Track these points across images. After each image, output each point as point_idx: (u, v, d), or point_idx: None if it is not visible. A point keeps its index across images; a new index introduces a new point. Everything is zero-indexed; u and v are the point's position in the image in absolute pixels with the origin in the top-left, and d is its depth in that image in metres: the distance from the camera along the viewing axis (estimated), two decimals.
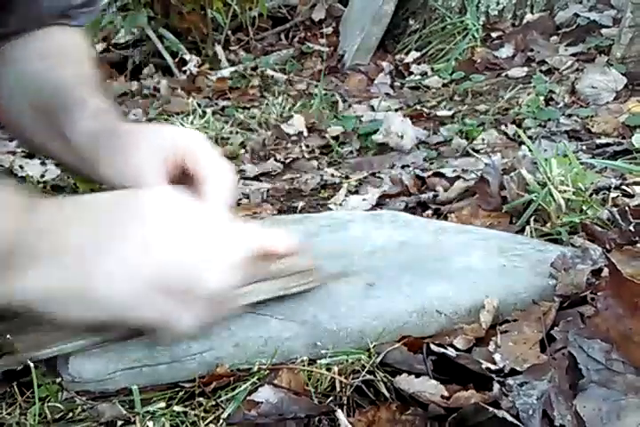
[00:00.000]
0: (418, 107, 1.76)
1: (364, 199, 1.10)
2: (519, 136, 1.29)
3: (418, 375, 0.55)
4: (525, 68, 1.91)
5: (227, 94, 2.12)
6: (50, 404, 0.57)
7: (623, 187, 0.94)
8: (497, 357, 0.57)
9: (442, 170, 1.16)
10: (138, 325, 0.56)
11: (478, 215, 0.93)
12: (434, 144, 1.44)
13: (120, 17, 2.36)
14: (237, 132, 1.68)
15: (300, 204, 1.11)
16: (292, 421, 0.53)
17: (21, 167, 1.38)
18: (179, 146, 0.69)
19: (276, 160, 1.45)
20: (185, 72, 2.34)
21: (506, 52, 2.07)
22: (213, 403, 0.56)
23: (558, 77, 1.75)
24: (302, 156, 1.47)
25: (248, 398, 0.55)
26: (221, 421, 0.54)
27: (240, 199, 1.17)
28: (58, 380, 0.60)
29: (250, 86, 2.15)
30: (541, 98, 1.57)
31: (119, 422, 0.55)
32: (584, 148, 1.25)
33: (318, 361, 0.59)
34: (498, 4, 2.28)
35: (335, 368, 0.58)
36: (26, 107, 0.86)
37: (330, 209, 1.08)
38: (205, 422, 0.54)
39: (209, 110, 1.84)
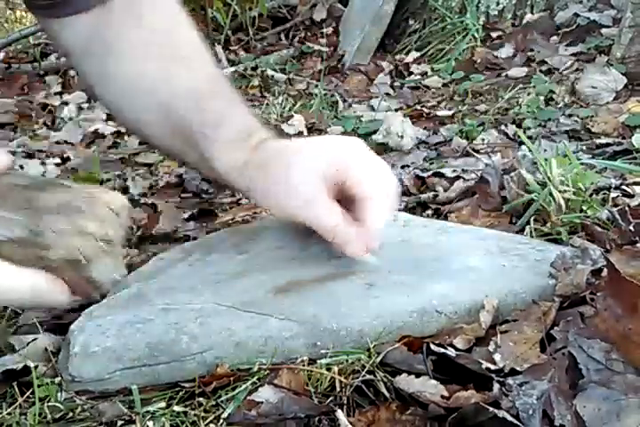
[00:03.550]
0: (418, 107, 1.75)
1: None
2: (519, 136, 1.29)
3: (418, 375, 0.55)
4: (525, 68, 1.91)
5: None
6: (50, 404, 0.57)
7: (623, 187, 0.94)
8: (497, 357, 0.56)
9: (442, 170, 1.16)
10: None
11: (478, 215, 0.93)
12: (434, 144, 1.44)
13: None
14: None
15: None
16: (292, 421, 0.53)
17: (21, 167, 1.38)
18: (332, 163, 0.67)
19: None
20: None
21: (506, 52, 2.07)
22: (213, 403, 0.56)
23: (558, 77, 1.75)
24: None
25: (248, 398, 0.55)
26: (221, 421, 0.54)
27: (240, 199, 1.17)
28: (58, 380, 0.60)
29: (250, 86, 2.15)
30: (541, 98, 1.57)
31: (119, 422, 0.55)
32: (584, 148, 1.25)
33: (318, 361, 0.59)
34: (498, 4, 2.28)
35: (335, 368, 0.58)
36: (159, 125, 0.78)
37: None
38: (205, 422, 0.54)
39: None
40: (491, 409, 0.48)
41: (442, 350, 0.57)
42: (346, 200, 0.68)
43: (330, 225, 0.67)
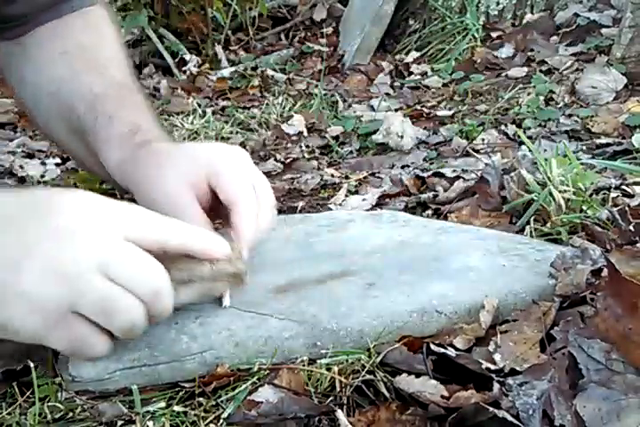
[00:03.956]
0: (418, 107, 1.75)
1: (363, 199, 1.10)
2: (519, 136, 1.29)
3: (418, 375, 0.55)
4: (525, 68, 1.91)
5: (227, 94, 2.12)
6: (50, 404, 0.57)
7: (623, 187, 0.94)
8: (497, 357, 0.57)
9: (442, 170, 1.16)
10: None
11: (478, 215, 0.93)
12: (434, 144, 1.44)
13: (120, 17, 2.36)
14: (237, 132, 1.68)
15: (300, 204, 1.11)
16: (292, 421, 0.53)
17: (21, 167, 1.38)
18: (205, 170, 0.67)
19: (275, 160, 1.45)
20: (185, 72, 2.34)
21: (506, 52, 2.07)
22: (213, 403, 0.56)
23: (558, 77, 1.75)
24: (302, 156, 1.47)
25: (248, 398, 0.55)
26: (221, 421, 0.54)
27: None
28: (58, 380, 0.60)
29: (250, 86, 2.15)
30: (541, 98, 1.57)
31: (119, 422, 0.55)
32: (584, 148, 1.25)
33: (318, 361, 0.59)
34: (498, 4, 2.28)
35: (335, 368, 0.58)
36: (61, 127, 0.83)
37: (330, 209, 1.08)
38: (205, 422, 0.54)
39: (209, 110, 1.84)
40: (491, 409, 0.48)
41: (442, 350, 0.57)
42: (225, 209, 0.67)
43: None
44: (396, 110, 1.73)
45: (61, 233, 0.52)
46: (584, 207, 0.85)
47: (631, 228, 0.73)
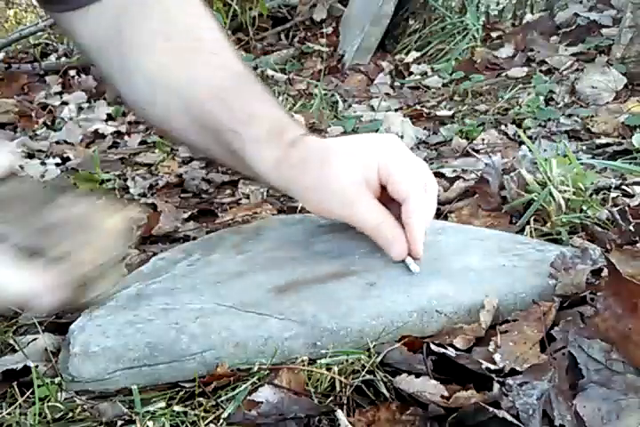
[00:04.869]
0: (418, 107, 1.75)
1: None
2: (519, 136, 1.29)
3: (418, 375, 0.55)
4: (525, 68, 1.91)
5: None
6: (50, 404, 0.57)
7: (623, 187, 0.94)
8: (497, 357, 0.56)
9: (442, 170, 1.16)
10: None
11: (478, 215, 0.93)
12: (434, 144, 1.44)
13: None
14: None
15: (301, 204, 1.11)
16: (292, 421, 0.53)
17: (21, 167, 1.38)
18: (373, 165, 0.66)
19: None
20: None
21: (506, 52, 2.07)
22: (213, 403, 0.56)
23: (558, 77, 1.75)
24: None
25: (248, 398, 0.55)
26: (221, 421, 0.54)
27: (239, 199, 1.17)
28: (58, 380, 0.60)
29: None
30: (541, 98, 1.57)
31: (119, 422, 0.55)
32: (584, 148, 1.25)
33: (318, 361, 0.59)
34: (498, 4, 2.28)
35: (335, 368, 0.58)
36: (184, 123, 0.76)
37: None
38: (205, 422, 0.54)
39: None
40: (491, 409, 0.48)
41: (442, 350, 0.57)
42: (393, 202, 0.67)
43: (372, 224, 0.67)
44: (396, 110, 1.73)
45: None
46: (584, 207, 0.85)
47: (631, 228, 0.73)
